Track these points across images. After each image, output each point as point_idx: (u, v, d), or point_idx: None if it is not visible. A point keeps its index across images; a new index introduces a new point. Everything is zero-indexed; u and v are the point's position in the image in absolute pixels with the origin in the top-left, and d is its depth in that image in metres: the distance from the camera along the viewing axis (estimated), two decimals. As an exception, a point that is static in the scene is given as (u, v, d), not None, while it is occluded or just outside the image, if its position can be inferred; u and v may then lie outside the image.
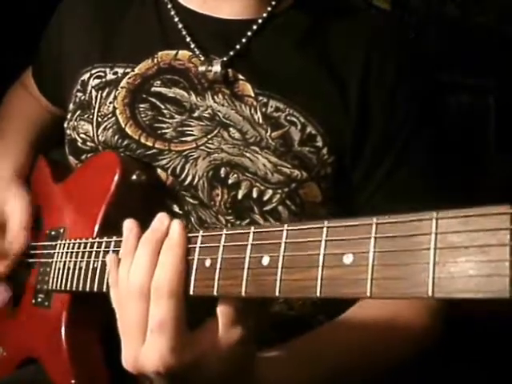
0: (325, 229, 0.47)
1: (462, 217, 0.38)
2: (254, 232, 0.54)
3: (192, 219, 0.89)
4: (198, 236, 0.62)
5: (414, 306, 0.86)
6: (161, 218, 0.68)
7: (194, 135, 0.89)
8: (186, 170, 0.88)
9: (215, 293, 0.59)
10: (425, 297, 0.38)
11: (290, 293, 0.49)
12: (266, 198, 0.87)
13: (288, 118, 0.87)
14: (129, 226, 0.70)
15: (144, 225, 0.87)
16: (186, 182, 0.88)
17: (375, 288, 0.42)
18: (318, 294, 0.46)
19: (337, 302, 0.80)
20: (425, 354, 0.88)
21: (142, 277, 0.65)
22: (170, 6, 0.96)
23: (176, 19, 0.95)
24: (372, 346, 0.83)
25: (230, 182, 0.87)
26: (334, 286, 0.46)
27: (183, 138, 0.89)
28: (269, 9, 0.93)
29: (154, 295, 0.63)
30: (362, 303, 0.86)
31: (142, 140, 0.91)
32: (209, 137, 0.88)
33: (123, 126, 0.92)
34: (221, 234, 0.57)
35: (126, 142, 0.92)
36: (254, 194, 0.87)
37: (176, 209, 0.90)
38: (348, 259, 0.45)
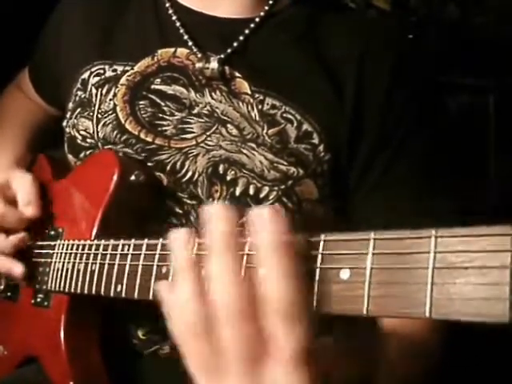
0: (322, 242, 0.47)
1: (461, 236, 0.37)
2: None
3: (191, 218, 0.90)
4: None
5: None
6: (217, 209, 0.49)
7: (193, 132, 0.89)
8: (186, 167, 0.88)
9: None
10: (422, 317, 0.38)
11: None
12: (262, 195, 0.87)
13: (284, 115, 0.88)
14: (179, 236, 0.53)
15: (143, 225, 0.87)
16: (186, 179, 0.89)
17: (372, 306, 0.42)
18: (314, 309, 0.45)
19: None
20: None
21: (232, 293, 0.48)
22: (168, 4, 0.96)
23: (174, 17, 0.95)
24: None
25: (228, 178, 0.87)
26: (330, 302, 0.45)
27: (183, 136, 0.89)
28: (266, 8, 0.93)
29: (288, 316, 0.46)
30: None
31: (142, 136, 0.91)
32: (208, 133, 0.88)
33: (123, 122, 0.92)
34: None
35: (125, 137, 0.92)
36: (251, 191, 0.87)
37: (176, 208, 0.90)
38: (345, 275, 0.44)
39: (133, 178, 0.88)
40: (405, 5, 1.95)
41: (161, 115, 0.91)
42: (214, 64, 0.89)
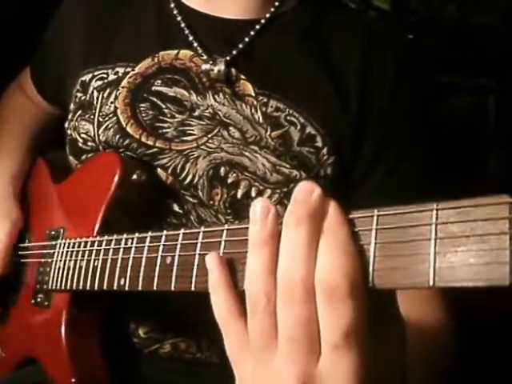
0: None
1: (461, 207, 0.38)
2: None
3: (192, 218, 0.90)
4: (199, 232, 0.61)
5: (430, 309, 0.85)
6: (307, 187, 0.47)
7: (194, 135, 0.89)
8: (187, 170, 0.88)
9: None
10: (426, 286, 0.39)
11: None
12: (264, 197, 0.87)
13: (288, 118, 0.88)
14: (264, 205, 0.49)
15: (144, 225, 0.87)
16: (186, 181, 0.89)
17: (377, 279, 0.43)
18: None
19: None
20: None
21: (304, 269, 0.45)
22: (172, 5, 0.96)
23: (178, 18, 0.95)
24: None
25: (229, 181, 0.87)
26: None
27: (184, 138, 0.89)
28: (272, 9, 0.93)
29: (330, 296, 0.44)
30: None
31: (143, 139, 0.91)
32: (209, 136, 0.88)
33: (124, 125, 0.92)
34: (222, 230, 0.57)
35: (126, 142, 0.92)
36: (253, 194, 0.87)
37: (176, 208, 0.90)
38: None
39: (134, 177, 0.88)
40: (405, 5, 1.97)
41: (161, 117, 0.91)
42: (220, 66, 0.89)
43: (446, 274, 0.38)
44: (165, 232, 0.65)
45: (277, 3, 0.94)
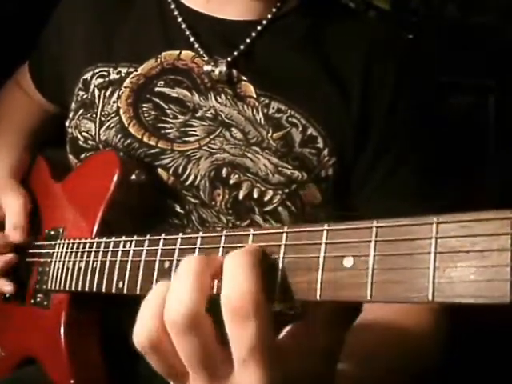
0: (325, 232, 0.47)
1: (462, 221, 0.38)
2: (253, 234, 0.54)
3: (193, 218, 0.90)
4: (197, 237, 0.61)
5: (416, 312, 0.84)
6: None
7: (196, 135, 0.89)
8: (188, 170, 0.89)
9: None
10: (425, 301, 0.38)
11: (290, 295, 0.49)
12: (266, 198, 0.87)
13: (289, 119, 0.88)
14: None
15: (143, 224, 0.87)
16: (188, 182, 0.89)
17: (375, 292, 0.42)
18: (318, 298, 0.46)
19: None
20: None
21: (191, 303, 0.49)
22: (173, 6, 0.96)
23: (179, 19, 0.95)
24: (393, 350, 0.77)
25: (231, 182, 0.87)
26: (334, 289, 0.45)
27: (186, 139, 0.89)
28: (273, 10, 0.93)
29: (234, 315, 0.47)
30: (365, 312, 0.85)
31: (145, 139, 0.91)
32: (211, 137, 0.89)
33: (126, 125, 0.92)
34: (220, 236, 0.57)
35: (128, 141, 0.92)
36: (255, 195, 0.87)
37: (177, 208, 0.90)
38: (348, 262, 0.44)
39: (133, 177, 0.88)
40: (405, 5, 1.96)
41: (164, 118, 0.91)
42: (222, 67, 0.89)
43: (445, 290, 0.38)
44: (163, 236, 0.65)
45: (278, 4, 0.94)
